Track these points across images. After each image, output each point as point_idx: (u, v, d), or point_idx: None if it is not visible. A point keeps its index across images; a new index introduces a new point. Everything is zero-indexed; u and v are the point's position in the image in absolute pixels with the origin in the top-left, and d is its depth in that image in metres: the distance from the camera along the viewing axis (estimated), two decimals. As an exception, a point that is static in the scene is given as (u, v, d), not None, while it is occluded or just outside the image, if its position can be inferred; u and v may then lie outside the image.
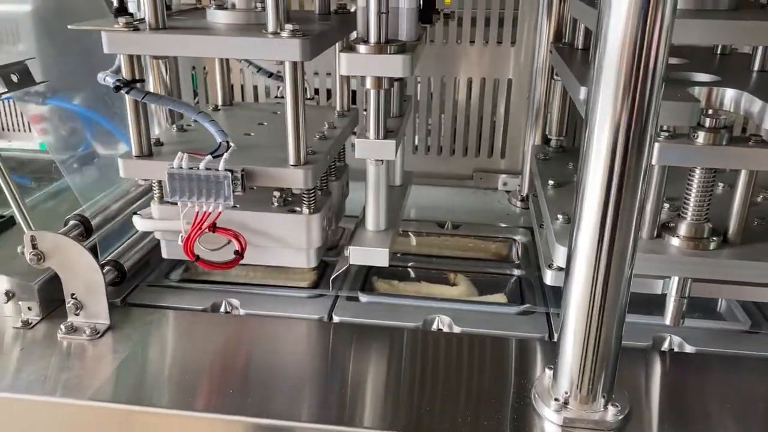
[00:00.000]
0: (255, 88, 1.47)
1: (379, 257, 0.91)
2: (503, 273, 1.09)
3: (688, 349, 0.89)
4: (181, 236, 0.83)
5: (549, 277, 0.90)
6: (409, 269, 1.12)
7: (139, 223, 0.94)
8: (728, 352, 0.88)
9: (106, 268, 0.98)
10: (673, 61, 1.00)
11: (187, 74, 1.46)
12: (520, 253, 1.16)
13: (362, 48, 0.80)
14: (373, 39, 0.80)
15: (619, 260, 0.66)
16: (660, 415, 0.76)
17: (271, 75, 1.17)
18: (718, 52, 1.05)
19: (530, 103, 1.27)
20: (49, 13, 1.27)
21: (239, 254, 0.86)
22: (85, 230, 0.98)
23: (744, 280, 0.82)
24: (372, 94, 0.85)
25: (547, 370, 0.78)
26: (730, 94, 0.79)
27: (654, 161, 0.79)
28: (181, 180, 0.81)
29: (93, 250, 0.99)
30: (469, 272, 1.10)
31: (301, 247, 0.92)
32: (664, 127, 0.78)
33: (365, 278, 1.06)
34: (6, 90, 0.98)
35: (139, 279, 1.04)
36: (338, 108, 1.10)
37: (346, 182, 1.10)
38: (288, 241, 0.91)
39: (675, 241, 0.83)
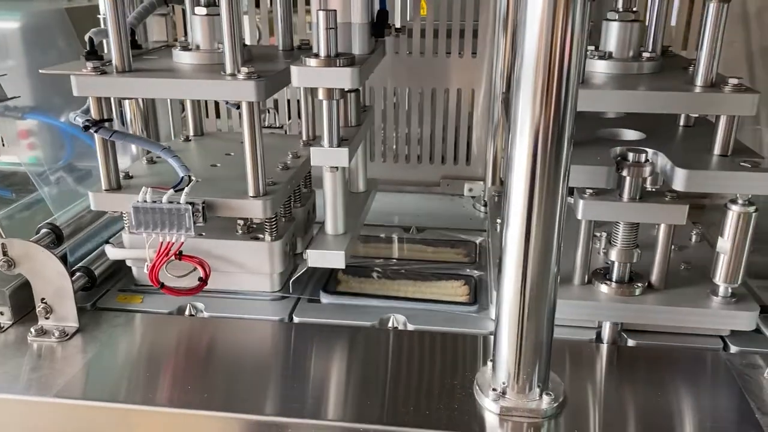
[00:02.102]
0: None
1: (336, 259, 0.96)
2: (460, 274, 1.14)
3: (630, 343, 0.93)
4: (147, 265, 0.89)
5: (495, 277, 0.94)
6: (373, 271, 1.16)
7: (111, 252, 1.01)
8: (665, 344, 0.92)
9: (77, 274, 1.02)
10: (610, 114, 1.06)
11: (165, 103, 1.51)
12: (478, 255, 1.21)
13: (312, 61, 0.86)
14: (322, 53, 0.86)
15: (544, 258, 0.70)
16: (595, 402, 0.80)
17: (238, 107, 1.21)
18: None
19: (491, 113, 1.33)
20: (37, 30, 1.32)
21: (203, 281, 0.92)
22: (56, 238, 1.03)
23: (665, 324, 0.89)
24: (325, 104, 0.90)
25: (489, 363, 0.82)
26: (649, 153, 0.86)
27: (579, 216, 0.86)
28: (145, 213, 0.87)
29: (65, 257, 1.04)
30: (428, 273, 1.14)
31: (264, 272, 0.99)
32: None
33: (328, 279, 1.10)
34: (-26, 104, 1.02)
35: (110, 284, 1.08)
36: (304, 137, 1.16)
37: (313, 207, 1.16)
38: (251, 267, 0.98)
39: (604, 288, 0.89)
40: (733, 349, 0.91)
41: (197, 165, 1.06)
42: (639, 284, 0.89)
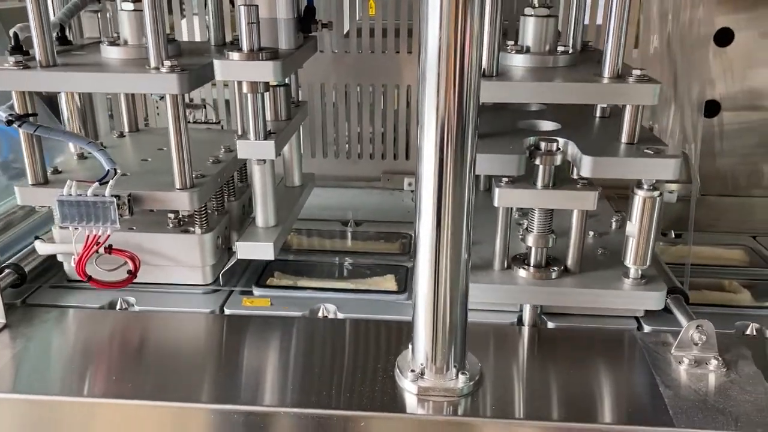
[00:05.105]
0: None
1: (265, 251, 0.98)
2: (394, 264, 1.16)
3: (550, 325, 0.97)
4: (73, 258, 0.89)
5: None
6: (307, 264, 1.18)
7: (40, 248, 1.00)
8: (583, 326, 0.96)
9: (6, 270, 1.02)
10: (533, 107, 1.10)
11: (104, 100, 1.49)
12: (412, 246, 1.24)
13: (235, 55, 0.87)
14: (245, 47, 0.87)
15: (455, 245, 0.73)
16: (512, 380, 0.83)
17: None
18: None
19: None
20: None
21: (132, 274, 0.93)
22: (-17, 235, 1.03)
23: (579, 305, 0.93)
24: (249, 98, 0.91)
25: (410, 346, 0.85)
26: (560, 142, 0.89)
27: (495, 203, 0.89)
28: (71, 206, 0.87)
29: (-6, 254, 1.04)
30: (363, 265, 1.17)
31: (195, 265, 1.00)
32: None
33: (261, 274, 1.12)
34: None
35: (42, 281, 1.08)
36: (240, 131, 1.16)
37: (249, 201, 1.16)
38: (182, 260, 0.99)
39: (522, 272, 0.93)
40: (647, 328, 0.96)
41: (129, 160, 1.07)
42: (555, 268, 0.93)
